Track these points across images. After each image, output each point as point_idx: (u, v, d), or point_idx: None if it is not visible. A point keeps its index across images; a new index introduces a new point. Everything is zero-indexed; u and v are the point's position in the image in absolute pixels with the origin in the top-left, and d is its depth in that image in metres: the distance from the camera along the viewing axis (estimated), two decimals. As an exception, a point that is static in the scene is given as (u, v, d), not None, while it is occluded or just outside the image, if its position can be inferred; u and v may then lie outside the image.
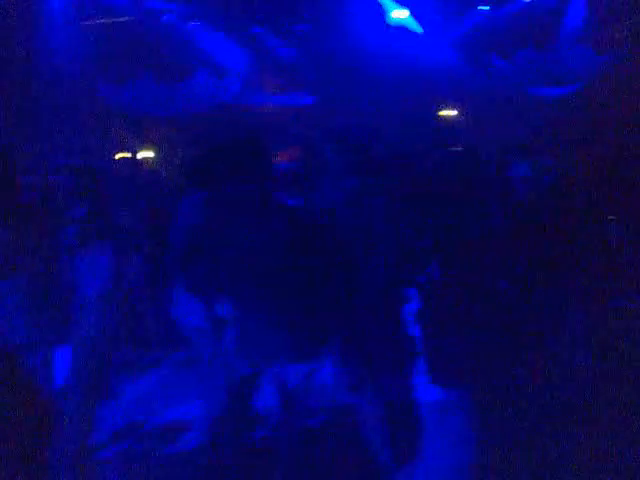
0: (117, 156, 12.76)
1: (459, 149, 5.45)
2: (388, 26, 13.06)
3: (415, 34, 13.19)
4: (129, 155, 12.93)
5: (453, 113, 13.10)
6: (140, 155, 13.19)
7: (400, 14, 13.02)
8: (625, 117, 9.72)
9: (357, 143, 4.35)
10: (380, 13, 13.02)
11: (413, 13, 13.02)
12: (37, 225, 3.66)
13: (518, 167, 5.05)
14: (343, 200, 4.22)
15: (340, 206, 4.17)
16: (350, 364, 3.92)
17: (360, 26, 12.73)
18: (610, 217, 5.39)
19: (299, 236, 3.71)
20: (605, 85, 11.74)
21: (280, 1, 12.57)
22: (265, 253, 3.57)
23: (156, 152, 12.33)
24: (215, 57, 13.76)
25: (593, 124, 10.07)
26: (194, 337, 3.92)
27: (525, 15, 12.75)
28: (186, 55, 13.32)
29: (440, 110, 13.09)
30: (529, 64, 12.87)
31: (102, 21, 12.35)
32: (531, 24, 12.68)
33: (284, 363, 3.71)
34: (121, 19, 12.52)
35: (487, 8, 13.22)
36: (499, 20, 12.97)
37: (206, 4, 12.89)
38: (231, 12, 12.87)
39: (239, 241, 3.55)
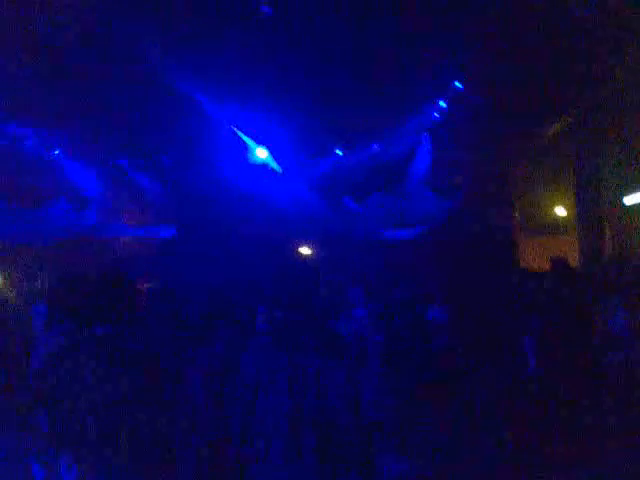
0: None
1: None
2: (250, 164, 13.59)
3: (275, 173, 13.70)
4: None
5: (308, 251, 13.46)
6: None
7: (260, 153, 13.63)
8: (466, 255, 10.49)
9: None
10: (243, 151, 13.51)
11: (272, 153, 13.64)
12: None
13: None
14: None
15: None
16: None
17: (223, 163, 13.16)
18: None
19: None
20: (449, 226, 12.63)
21: (145, 135, 12.76)
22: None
23: (6, 279, 11.84)
24: (75, 186, 13.72)
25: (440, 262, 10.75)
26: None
27: (376, 162, 13.68)
28: (45, 183, 13.24)
29: (296, 247, 13.43)
30: (380, 207, 13.63)
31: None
32: (381, 170, 13.60)
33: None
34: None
35: (340, 153, 14.13)
36: (351, 165, 13.85)
37: (70, 134, 12.93)
38: (95, 143, 12.98)
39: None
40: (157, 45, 11.18)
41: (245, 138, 13.45)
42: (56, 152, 13.52)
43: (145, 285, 8.23)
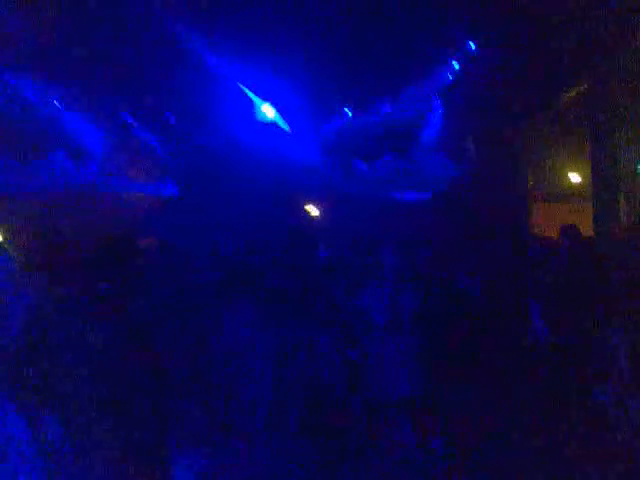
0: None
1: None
2: (257, 122, 13.36)
3: (283, 132, 13.53)
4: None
5: (316, 210, 13.43)
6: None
7: (268, 111, 13.37)
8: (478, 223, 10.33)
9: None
10: (250, 109, 13.31)
11: (281, 112, 13.39)
12: None
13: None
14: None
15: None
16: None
17: (229, 120, 12.96)
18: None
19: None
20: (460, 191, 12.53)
21: (148, 90, 12.52)
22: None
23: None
24: (76, 139, 13.45)
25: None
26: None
27: (386, 125, 13.46)
28: (45, 134, 12.92)
29: (303, 207, 13.35)
30: (390, 170, 13.50)
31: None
32: (391, 133, 13.38)
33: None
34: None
35: (350, 114, 13.88)
36: (361, 127, 13.62)
37: (70, 85, 12.69)
38: (101, 97, 12.77)
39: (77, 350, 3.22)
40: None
41: (252, 95, 13.24)
42: (55, 102, 13.26)
43: (147, 243, 8.02)
